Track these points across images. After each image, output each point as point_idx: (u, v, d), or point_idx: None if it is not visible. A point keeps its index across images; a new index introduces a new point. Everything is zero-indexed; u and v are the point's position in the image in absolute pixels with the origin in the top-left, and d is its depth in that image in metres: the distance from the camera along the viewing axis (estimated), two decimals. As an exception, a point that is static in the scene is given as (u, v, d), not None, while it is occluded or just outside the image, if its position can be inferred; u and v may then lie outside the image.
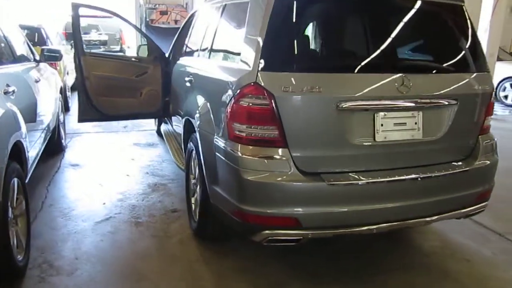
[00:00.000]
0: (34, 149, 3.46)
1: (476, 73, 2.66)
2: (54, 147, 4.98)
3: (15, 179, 2.58)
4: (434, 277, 2.74)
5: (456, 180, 2.58)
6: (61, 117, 5.26)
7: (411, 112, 2.46)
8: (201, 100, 3.02)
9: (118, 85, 4.63)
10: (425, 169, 2.47)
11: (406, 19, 2.53)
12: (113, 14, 4.84)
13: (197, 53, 3.66)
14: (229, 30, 3.13)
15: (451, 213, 2.62)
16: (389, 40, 2.49)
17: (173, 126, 4.61)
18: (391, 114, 2.41)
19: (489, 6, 8.32)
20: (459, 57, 2.66)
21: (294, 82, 2.25)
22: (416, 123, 2.47)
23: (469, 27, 2.70)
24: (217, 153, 2.54)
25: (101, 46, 14.20)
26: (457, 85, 2.58)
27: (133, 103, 4.75)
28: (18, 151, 2.80)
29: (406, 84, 2.38)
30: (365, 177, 2.34)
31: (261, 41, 2.28)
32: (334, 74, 2.37)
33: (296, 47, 2.36)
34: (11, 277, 2.53)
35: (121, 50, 14.48)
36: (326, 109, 2.30)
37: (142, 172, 4.64)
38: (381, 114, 2.38)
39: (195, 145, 3.02)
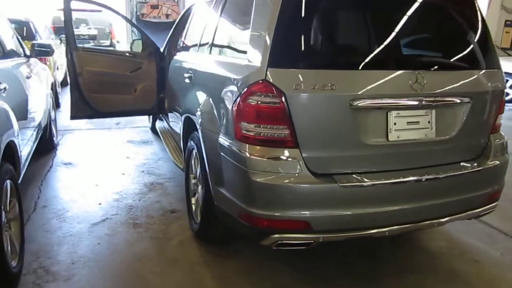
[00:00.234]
0: (27, 148, 3.33)
1: (489, 70, 2.59)
2: (46, 145, 4.84)
3: (8, 181, 2.45)
4: (443, 278, 2.68)
5: (469, 180, 2.51)
6: (52, 114, 5.10)
7: (424, 111, 2.38)
8: (203, 97, 2.89)
9: (112, 81, 4.49)
10: (438, 169, 2.40)
11: (420, 15, 2.44)
12: (106, 8, 4.69)
13: (197, 48, 3.54)
14: (233, 25, 3.01)
15: (463, 214, 2.56)
16: (403, 36, 2.40)
17: (170, 123, 4.48)
18: (404, 113, 2.33)
19: (484, 2, 8.33)
20: (472, 54, 2.58)
21: (306, 79, 2.14)
22: (429, 122, 2.39)
23: (481, 23, 2.62)
24: (222, 153, 2.43)
25: (91, 41, 14.00)
26: (471, 83, 2.51)
27: (128, 100, 4.62)
28: (11, 151, 2.67)
29: (420, 82, 2.29)
30: (378, 178, 2.25)
31: (270, 36, 2.17)
32: (347, 71, 2.27)
33: (307, 43, 2.25)
34: (5, 284, 2.39)
35: (111, 45, 14.32)
36: (339, 108, 2.20)
37: (138, 171, 4.51)
38: (394, 113, 2.30)
39: (197, 144, 2.91)
